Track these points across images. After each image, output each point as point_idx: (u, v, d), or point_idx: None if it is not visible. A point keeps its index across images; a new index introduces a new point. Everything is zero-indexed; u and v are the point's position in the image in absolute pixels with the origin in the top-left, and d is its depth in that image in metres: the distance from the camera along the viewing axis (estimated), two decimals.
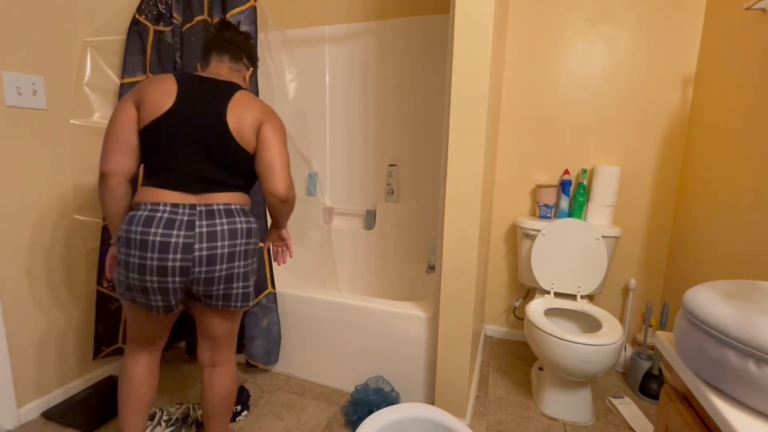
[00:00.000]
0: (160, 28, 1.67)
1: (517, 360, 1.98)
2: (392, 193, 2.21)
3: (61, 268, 1.54)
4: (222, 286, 1.04)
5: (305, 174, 2.40)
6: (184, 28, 1.65)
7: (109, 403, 1.54)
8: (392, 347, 1.58)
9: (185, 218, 0.99)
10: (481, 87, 1.26)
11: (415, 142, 2.15)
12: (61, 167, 1.50)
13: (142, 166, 1.08)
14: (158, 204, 0.99)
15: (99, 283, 1.64)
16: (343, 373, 1.69)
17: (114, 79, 1.64)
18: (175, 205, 1.00)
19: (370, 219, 2.29)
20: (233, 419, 1.49)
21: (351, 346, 1.65)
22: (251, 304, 1.14)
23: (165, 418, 1.42)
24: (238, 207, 1.07)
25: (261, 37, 1.82)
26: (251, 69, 1.26)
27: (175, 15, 1.65)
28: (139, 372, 1.14)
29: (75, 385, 1.62)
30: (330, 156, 2.35)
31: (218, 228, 1.01)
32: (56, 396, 1.55)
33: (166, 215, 0.98)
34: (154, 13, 1.66)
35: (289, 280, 2.18)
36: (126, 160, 1.02)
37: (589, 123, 1.90)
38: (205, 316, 1.13)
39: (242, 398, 1.56)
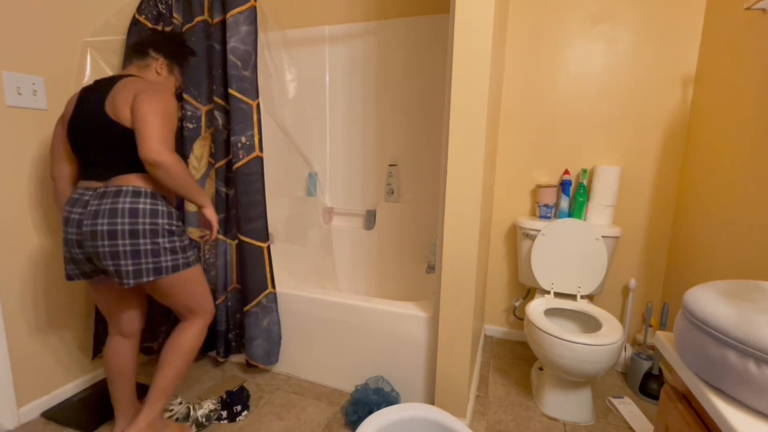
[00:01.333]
0: (160, 28, 1.67)
1: (517, 360, 1.98)
2: (392, 193, 2.21)
3: (61, 268, 1.54)
4: (110, 262, 1.12)
5: (305, 174, 2.40)
6: (184, 28, 1.65)
7: (109, 403, 1.54)
8: (392, 347, 1.58)
9: (84, 198, 1.15)
10: (481, 87, 1.26)
11: (415, 142, 2.15)
12: None
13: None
14: (77, 189, 1.18)
15: None
16: (343, 373, 1.69)
17: None
18: (85, 189, 1.17)
19: (370, 219, 2.29)
20: (233, 419, 1.50)
21: (351, 346, 1.65)
22: (151, 279, 1.16)
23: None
24: (130, 188, 1.14)
25: (261, 37, 1.82)
26: (161, 58, 1.31)
27: (175, 15, 1.65)
28: (112, 354, 1.32)
29: (75, 385, 1.62)
30: (330, 156, 2.35)
31: (102, 207, 1.12)
32: (56, 396, 1.55)
33: (75, 196, 1.17)
34: (154, 13, 1.66)
35: (289, 280, 2.18)
36: (65, 165, 1.25)
37: (589, 123, 1.90)
38: (135, 292, 1.33)
39: (242, 398, 1.56)
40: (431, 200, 2.17)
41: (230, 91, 1.56)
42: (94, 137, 1.16)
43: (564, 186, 1.90)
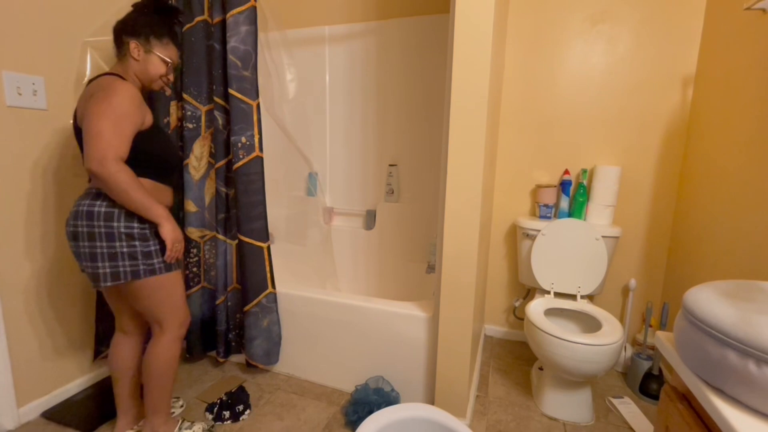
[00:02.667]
0: None
1: (517, 360, 1.98)
2: (392, 193, 2.21)
3: (61, 268, 1.54)
4: (79, 262, 1.15)
5: (305, 174, 2.40)
6: (184, 28, 1.65)
7: (109, 403, 1.54)
8: (392, 347, 1.58)
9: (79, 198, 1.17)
10: (481, 87, 1.25)
11: (415, 142, 2.15)
12: (61, 167, 1.50)
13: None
14: None
15: None
16: (343, 373, 1.69)
17: None
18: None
19: (370, 219, 2.29)
20: (237, 419, 1.50)
21: (351, 346, 1.65)
22: (105, 285, 1.13)
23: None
24: (92, 190, 1.15)
25: (261, 37, 1.82)
26: (132, 40, 1.19)
27: None
28: (114, 351, 1.34)
29: (75, 385, 1.62)
30: (330, 156, 2.35)
31: (74, 209, 1.14)
32: (56, 396, 1.55)
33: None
34: None
35: (289, 280, 2.18)
36: None
37: (589, 123, 1.90)
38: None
39: (242, 398, 1.56)
40: (431, 200, 2.17)
41: (230, 91, 1.56)
42: (77, 140, 1.18)
43: (564, 186, 1.90)
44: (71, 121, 1.20)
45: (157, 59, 1.23)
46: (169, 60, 1.25)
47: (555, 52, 1.90)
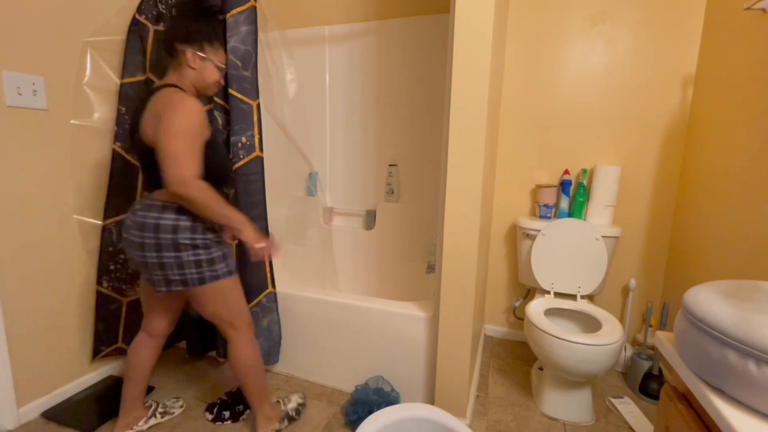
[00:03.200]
0: (160, 28, 1.67)
1: (517, 360, 1.98)
2: (392, 193, 2.21)
3: (61, 268, 1.54)
4: (143, 271, 1.21)
5: (305, 174, 2.40)
6: None
7: (109, 403, 1.54)
8: (392, 347, 1.58)
9: (135, 207, 1.20)
10: (481, 87, 1.25)
11: (415, 142, 2.15)
12: (61, 167, 1.50)
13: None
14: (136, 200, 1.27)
15: (99, 283, 1.64)
16: (343, 373, 1.69)
17: (114, 78, 1.64)
18: (141, 198, 1.24)
19: (370, 219, 2.29)
20: (237, 419, 1.50)
21: (351, 346, 1.65)
22: (176, 290, 1.20)
23: (160, 410, 1.49)
24: (158, 203, 1.17)
25: (261, 37, 1.82)
26: (188, 48, 1.18)
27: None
28: (135, 351, 1.37)
29: (75, 385, 1.62)
30: (330, 156, 2.35)
31: (136, 219, 1.17)
32: (56, 396, 1.55)
33: (135, 204, 1.22)
34: (154, 13, 1.66)
35: (289, 280, 2.18)
36: None
37: (589, 123, 1.90)
38: (169, 297, 1.36)
39: (243, 398, 1.56)
40: (431, 200, 2.17)
41: (230, 91, 1.56)
42: (139, 154, 1.19)
43: (564, 186, 1.90)
44: (137, 135, 1.18)
45: (212, 66, 1.23)
46: (223, 66, 1.27)
47: (555, 52, 1.90)
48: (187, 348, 1.82)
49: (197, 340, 1.81)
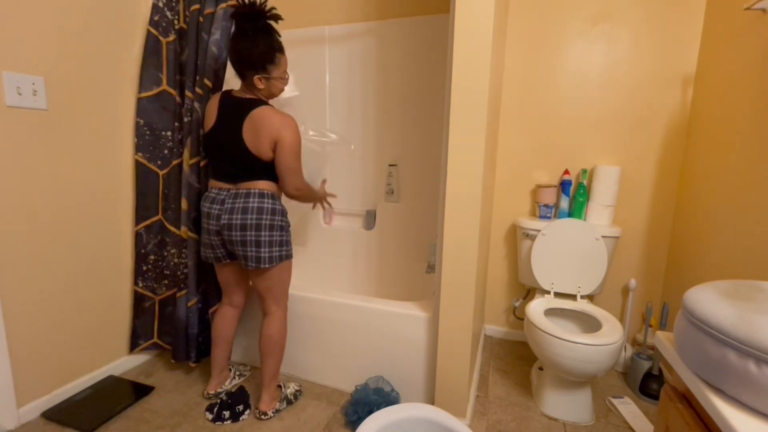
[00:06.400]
0: (170, 39, 1.68)
1: (517, 360, 1.98)
2: (392, 193, 2.21)
3: (60, 267, 1.54)
4: (239, 249, 1.38)
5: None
6: (184, 21, 1.65)
7: (109, 403, 1.55)
8: (392, 347, 1.58)
9: (220, 197, 1.40)
10: (481, 87, 1.25)
11: (415, 142, 2.15)
12: (61, 167, 1.50)
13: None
14: (212, 189, 1.44)
15: (135, 283, 1.77)
16: (343, 373, 1.69)
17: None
18: (219, 189, 1.42)
19: (370, 219, 2.29)
20: (236, 419, 1.50)
21: (351, 346, 1.65)
22: (264, 266, 1.39)
23: (237, 373, 1.74)
24: (257, 191, 1.38)
25: None
26: (255, 75, 1.34)
27: (182, 24, 1.67)
28: (221, 320, 1.59)
29: (75, 385, 1.62)
30: (330, 156, 2.35)
31: (236, 205, 1.36)
32: (56, 396, 1.55)
33: (212, 195, 1.42)
34: (164, 24, 1.67)
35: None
36: None
37: (589, 123, 1.90)
38: (247, 274, 1.58)
39: (242, 398, 1.56)
40: (431, 200, 2.16)
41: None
42: (233, 156, 1.36)
43: (564, 186, 1.90)
44: (238, 143, 1.34)
45: (276, 81, 1.40)
46: (287, 75, 1.43)
47: (555, 52, 1.90)
48: (173, 355, 1.75)
49: (196, 340, 1.80)
